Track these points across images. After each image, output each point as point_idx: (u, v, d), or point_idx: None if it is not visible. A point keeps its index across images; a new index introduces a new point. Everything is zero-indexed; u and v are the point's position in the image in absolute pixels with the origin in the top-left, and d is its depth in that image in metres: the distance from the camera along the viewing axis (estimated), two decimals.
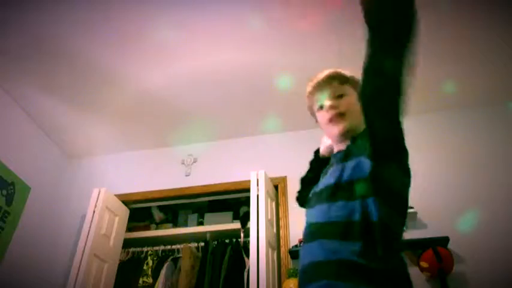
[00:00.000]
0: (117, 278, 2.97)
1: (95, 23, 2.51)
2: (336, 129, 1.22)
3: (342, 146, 1.23)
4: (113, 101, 3.07)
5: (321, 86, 1.30)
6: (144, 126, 3.32)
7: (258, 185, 2.68)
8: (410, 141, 1.25)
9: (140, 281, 3.10)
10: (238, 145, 3.35)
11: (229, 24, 2.52)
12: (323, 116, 1.27)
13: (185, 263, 3.00)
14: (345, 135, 1.21)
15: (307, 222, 1.16)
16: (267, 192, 2.72)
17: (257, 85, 2.90)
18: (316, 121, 1.35)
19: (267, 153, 3.22)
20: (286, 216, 2.84)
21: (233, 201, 3.38)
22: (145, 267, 3.18)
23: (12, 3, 2.40)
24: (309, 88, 1.33)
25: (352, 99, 1.25)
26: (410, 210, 2.60)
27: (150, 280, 3.10)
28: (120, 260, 3.11)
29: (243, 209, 3.32)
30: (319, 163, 1.41)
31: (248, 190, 2.72)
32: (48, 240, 3.16)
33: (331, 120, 1.23)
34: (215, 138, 3.41)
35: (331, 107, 1.24)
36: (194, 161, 3.37)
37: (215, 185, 3.17)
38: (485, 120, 2.93)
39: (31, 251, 3.04)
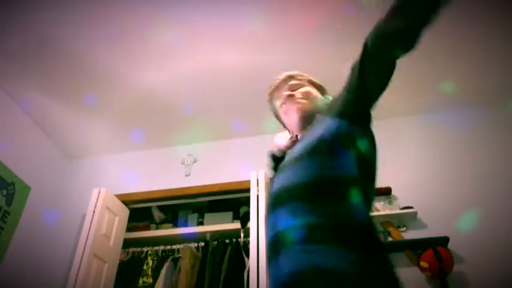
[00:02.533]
0: (117, 278, 2.97)
1: (95, 23, 2.51)
2: (296, 111, 1.22)
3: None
4: (113, 101, 3.07)
5: (279, 86, 1.32)
6: (144, 126, 3.32)
7: (258, 185, 2.69)
8: (410, 141, 1.25)
9: (140, 281, 3.10)
10: (238, 145, 3.35)
11: (230, 25, 2.52)
12: (282, 107, 1.27)
13: (185, 263, 3.00)
14: (305, 117, 1.21)
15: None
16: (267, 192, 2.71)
17: (257, 85, 2.90)
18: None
19: (267, 153, 3.22)
20: None
21: (233, 201, 3.38)
22: (145, 267, 3.18)
23: (12, 3, 2.40)
24: (268, 92, 1.35)
25: (309, 89, 1.27)
26: (410, 210, 2.60)
27: (150, 280, 3.10)
28: (120, 260, 3.11)
29: (243, 209, 3.31)
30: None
31: (248, 190, 2.72)
32: (48, 240, 3.16)
33: (289, 102, 1.23)
34: (215, 138, 3.40)
35: (290, 95, 1.25)
36: (194, 161, 3.37)
37: (215, 185, 3.17)
38: (486, 119, 2.93)
39: (31, 251, 3.04)
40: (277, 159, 1.34)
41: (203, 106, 3.12)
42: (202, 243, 3.17)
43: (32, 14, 2.46)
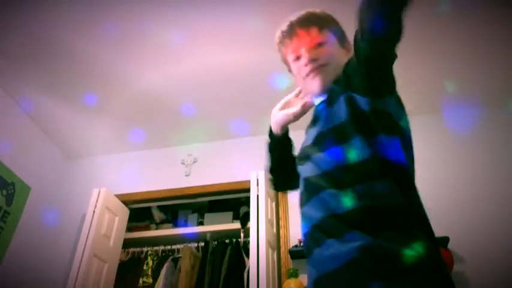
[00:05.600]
0: (117, 278, 2.97)
1: (96, 23, 2.51)
2: (317, 84, 1.09)
3: (322, 97, 1.11)
4: (113, 100, 3.07)
5: (297, 32, 1.13)
6: (144, 126, 3.32)
7: (258, 185, 2.68)
8: None
9: (140, 281, 3.10)
10: (238, 145, 3.35)
11: (229, 25, 2.51)
12: (300, 69, 1.12)
13: (185, 263, 3.00)
14: (325, 89, 1.09)
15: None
16: (267, 192, 2.71)
17: (257, 85, 2.90)
18: (289, 70, 1.21)
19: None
20: (286, 216, 2.84)
21: (233, 201, 3.38)
22: (145, 267, 3.18)
23: (12, 3, 2.40)
24: (280, 34, 1.17)
25: (332, 49, 1.11)
26: None
27: (150, 280, 3.10)
28: (120, 260, 3.11)
29: (243, 209, 3.32)
30: (279, 142, 1.29)
31: (248, 190, 2.72)
32: (48, 240, 3.16)
33: (310, 74, 1.09)
34: (215, 138, 3.40)
35: (311, 61, 1.09)
36: (194, 161, 3.37)
37: (215, 185, 3.17)
38: (486, 120, 2.93)
39: (31, 251, 3.04)
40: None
41: (203, 106, 3.12)
42: (202, 243, 3.17)
43: (32, 14, 2.46)
